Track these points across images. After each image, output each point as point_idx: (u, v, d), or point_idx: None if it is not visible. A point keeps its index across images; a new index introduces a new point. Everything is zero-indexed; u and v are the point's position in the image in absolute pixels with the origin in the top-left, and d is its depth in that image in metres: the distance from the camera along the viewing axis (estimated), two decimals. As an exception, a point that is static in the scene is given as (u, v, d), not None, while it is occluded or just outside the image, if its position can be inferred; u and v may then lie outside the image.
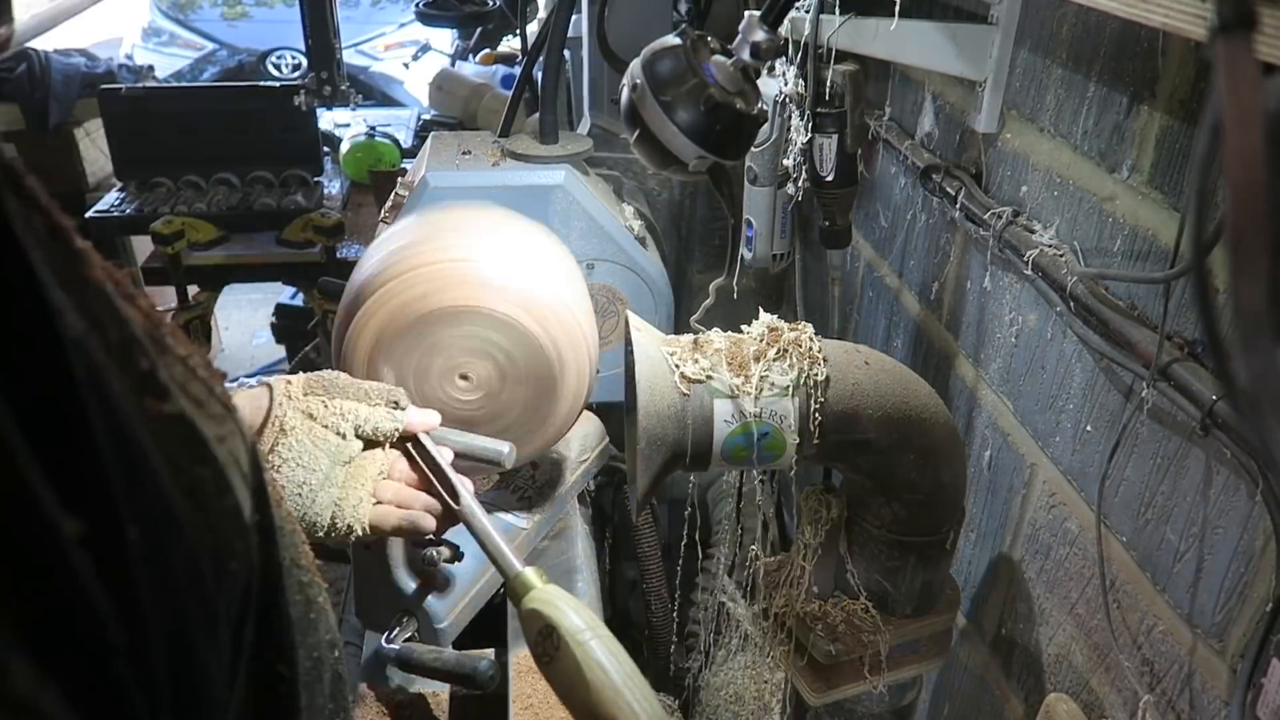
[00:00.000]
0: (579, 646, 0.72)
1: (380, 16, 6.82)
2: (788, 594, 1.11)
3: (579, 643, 0.73)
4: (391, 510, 0.88)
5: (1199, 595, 0.82)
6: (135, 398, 0.29)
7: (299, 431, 0.83)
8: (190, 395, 0.32)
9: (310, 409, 0.85)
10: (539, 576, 0.80)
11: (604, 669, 0.72)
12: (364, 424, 0.87)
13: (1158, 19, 0.67)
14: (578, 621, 0.74)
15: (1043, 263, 0.97)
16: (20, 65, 3.12)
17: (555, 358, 1.12)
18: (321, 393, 0.87)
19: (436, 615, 1.12)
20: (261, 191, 2.82)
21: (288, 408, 0.84)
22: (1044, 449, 1.06)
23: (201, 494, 0.31)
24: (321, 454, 0.84)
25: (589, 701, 0.71)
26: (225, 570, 0.32)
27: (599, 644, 0.73)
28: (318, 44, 2.67)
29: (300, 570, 0.46)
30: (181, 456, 0.30)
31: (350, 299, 1.14)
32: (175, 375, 0.32)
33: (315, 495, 0.84)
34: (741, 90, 1.10)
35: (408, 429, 0.90)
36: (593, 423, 1.47)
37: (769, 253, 1.62)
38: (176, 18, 6.69)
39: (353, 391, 0.88)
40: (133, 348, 0.29)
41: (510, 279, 1.12)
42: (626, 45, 1.92)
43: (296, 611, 0.44)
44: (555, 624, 0.74)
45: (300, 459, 0.83)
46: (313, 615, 0.47)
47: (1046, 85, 1.01)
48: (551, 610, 0.76)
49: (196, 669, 0.30)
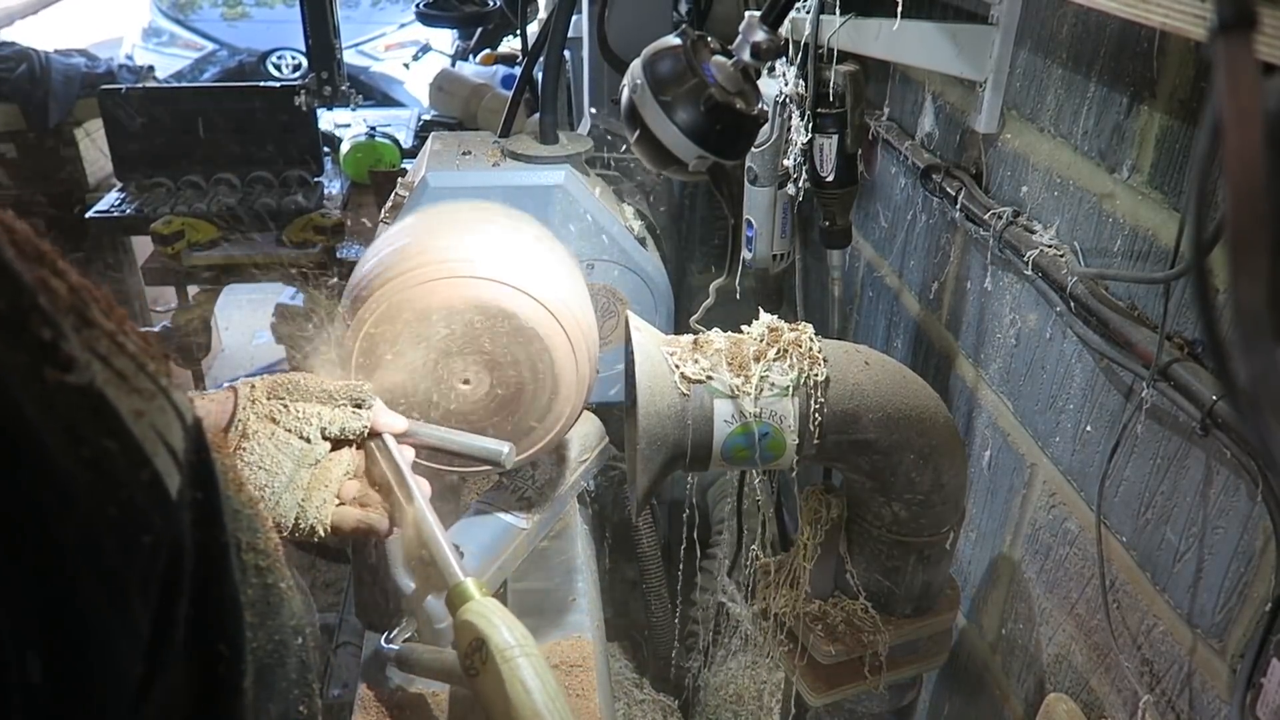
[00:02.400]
0: (505, 663, 0.72)
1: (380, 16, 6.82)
2: (788, 594, 1.11)
3: (506, 659, 0.72)
4: (352, 511, 0.89)
5: (1199, 595, 0.82)
6: (29, 367, 0.29)
7: (261, 436, 0.84)
8: (113, 369, 0.33)
9: (273, 413, 0.86)
10: (479, 588, 0.79)
11: (527, 689, 0.72)
12: (329, 425, 0.88)
13: (1157, 19, 0.67)
14: (508, 638, 0.74)
15: (1043, 263, 0.97)
16: (20, 65, 3.11)
17: (555, 358, 1.12)
18: (284, 395, 0.87)
19: (436, 615, 1.12)
20: (261, 191, 2.82)
21: (250, 412, 0.85)
22: (1044, 449, 1.06)
23: (108, 466, 0.31)
24: (285, 458, 0.85)
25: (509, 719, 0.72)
26: (135, 543, 0.32)
27: (526, 663, 0.73)
28: (318, 44, 2.68)
29: (258, 554, 0.46)
30: (86, 428, 0.31)
31: (350, 298, 1.14)
32: (98, 348, 0.32)
33: (279, 497, 0.85)
34: (741, 90, 1.10)
35: (374, 428, 0.90)
36: (593, 423, 1.47)
37: (769, 253, 1.62)
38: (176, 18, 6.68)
39: (316, 393, 0.88)
40: (28, 317, 0.30)
41: (510, 279, 1.12)
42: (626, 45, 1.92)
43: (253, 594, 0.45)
44: (486, 638, 0.74)
45: (262, 463, 0.84)
46: (272, 600, 0.47)
47: (1046, 85, 1.01)
48: (484, 624, 0.75)
49: (94, 639, 0.30)
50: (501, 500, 1.30)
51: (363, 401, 0.90)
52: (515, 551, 1.26)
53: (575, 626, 1.21)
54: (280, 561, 0.52)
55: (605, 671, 1.19)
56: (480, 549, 1.21)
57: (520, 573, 1.29)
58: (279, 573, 0.49)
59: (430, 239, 1.15)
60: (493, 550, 1.23)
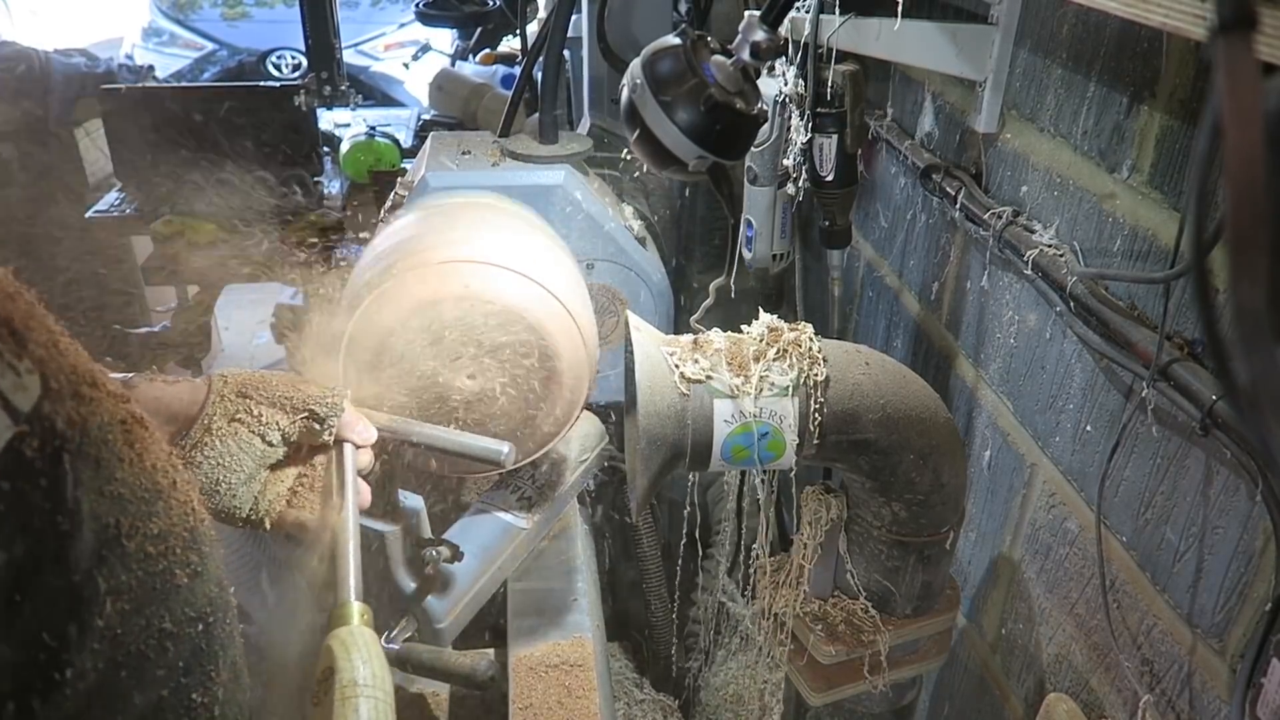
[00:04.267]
0: (342, 701, 0.68)
1: (380, 16, 6.81)
2: (788, 594, 1.11)
3: (344, 698, 0.68)
4: (291, 511, 0.91)
5: (1199, 595, 0.82)
6: None
7: (224, 434, 0.86)
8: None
9: (238, 413, 0.87)
10: (360, 615, 0.77)
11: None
12: (291, 432, 0.89)
13: (1157, 19, 0.67)
14: (356, 676, 0.70)
15: (1043, 263, 0.97)
16: (20, 65, 3.12)
17: (555, 358, 1.12)
18: (253, 394, 0.88)
19: (436, 615, 1.12)
20: (262, 192, 2.82)
21: (217, 409, 0.86)
22: (1044, 449, 1.06)
23: None
24: (246, 457, 0.87)
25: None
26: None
27: (366, 707, 0.69)
28: (318, 44, 2.68)
29: (148, 539, 0.47)
30: None
31: (350, 297, 1.14)
32: None
33: (236, 491, 0.87)
34: (741, 90, 1.10)
35: (340, 435, 0.91)
36: (593, 423, 1.47)
37: (769, 253, 1.62)
38: (176, 18, 6.68)
39: (282, 399, 0.89)
40: None
41: (510, 279, 1.12)
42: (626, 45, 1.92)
43: (129, 580, 0.45)
44: (335, 669, 0.70)
45: (221, 459, 0.85)
46: (160, 586, 0.47)
47: (1046, 85, 1.01)
48: (340, 654, 0.72)
49: None
50: (501, 500, 1.30)
51: (327, 414, 0.90)
52: (515, 551, 1.26)
53: (575, 626, 1.21)
54: (193, 548, 0.53)
55: (605, 671, 1.19)
56: (480, 549, 1.20)
57: (520, 573, 1.29)
58: (183, 558, 0.49)
59: (430, 237, 1.15)
60: (493, 550, 1.23)
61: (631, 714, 1.72)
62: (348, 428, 0.92)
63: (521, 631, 1.20)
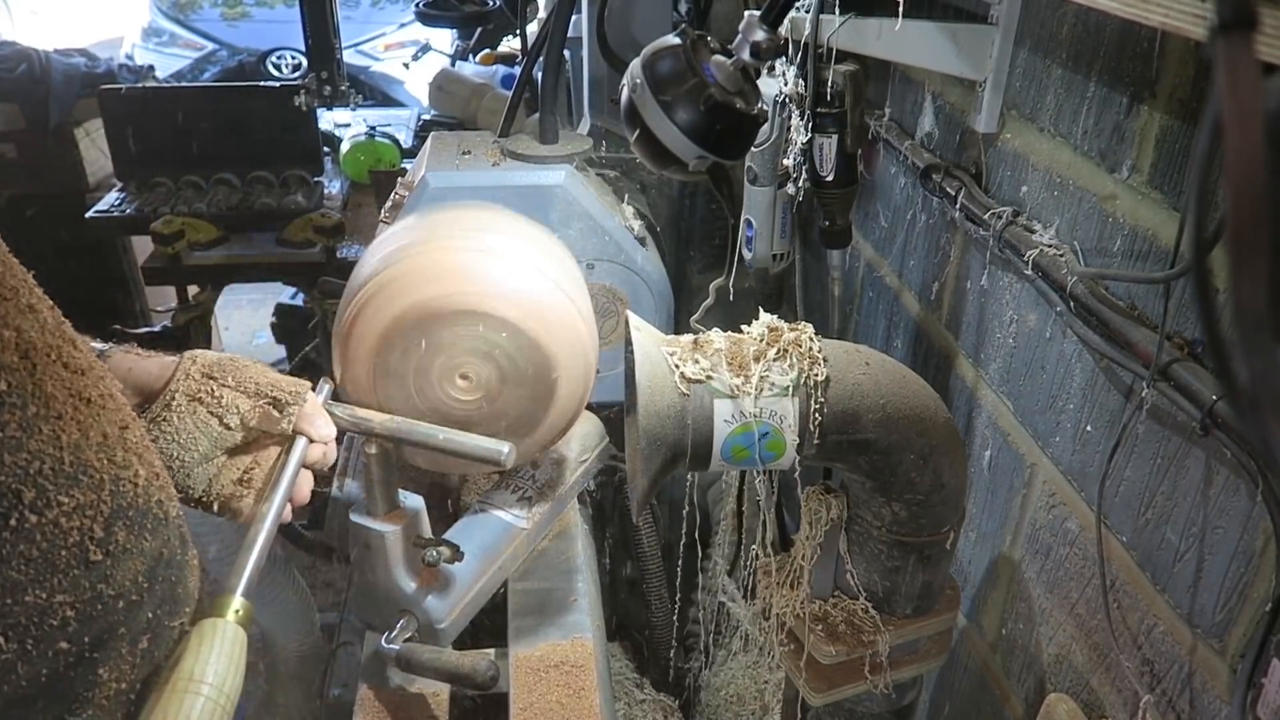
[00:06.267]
0: (174, 691, 0.66)
1: (380, 16, 6.81)
2: (788, 594, 1.11)
3: (178, 689, 0.66)
4: (235, 498, 0.91)
5: (1199, 595, 0.82)
6: None
7: (184, 412, 0.86)
8: None
9: (200, 393, 0.87)
10: (235, 612, 0.74)
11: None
12: (250, 418, 0.89)
13: (1157, 19, 0.67)
14: (199, 671, 0.67)
15: (1043, 263, 0.97)
16: (20, 65, 3.11)
17: (555, 358, 1.12)
18: (219, 377, 0.89)
19: (436, 615, 1.12)
20: (261, 191, 2.83)
21: (180, 386, 0.87)
22: (1044, 449, 1.06)
23: None
24: (203, 437, 0.87)
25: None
26: None
27: (195, 702, 0.66)
28: (318, 44, 2.68)
29: (61, 512, 0.49)
30: None
31: (350, 298, 1.14)
32: None
33: (191, 471, 0.88)
34: (741, 90, 1.10)
35: (298, 428, 0.92)
36: (593, 423, 1.47)
37: (769, 253, 1.62)
38: (176, 18, 6.68)
39: (247, 384, 0.90)
40: None
41: (510, 279, 1.12)
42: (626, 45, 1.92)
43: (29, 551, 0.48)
44: (182, 657, 0.68)
45: (178, 436, 0.86)
46: (59, 563, 0.49)
47: (1046, 85, 1.01)
48: (195, 644, 0.69)
49: None
50: (501, 500, 1.30)
51: (288, 402, 0.91)
52: (515, 551, 1.26)
53: (575, 626, 1.21)
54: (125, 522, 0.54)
55: (605, 671, 1.19)
56: (480, 549, 1.21)
57: (520, 573, 1.29)
58: (104, 537, 0.51)
59: (430, 239, 1.15)
60: (493, 550, 1.23)
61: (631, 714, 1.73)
62: (306, 420, 0.93)
63: (521, 631, 1.20)
